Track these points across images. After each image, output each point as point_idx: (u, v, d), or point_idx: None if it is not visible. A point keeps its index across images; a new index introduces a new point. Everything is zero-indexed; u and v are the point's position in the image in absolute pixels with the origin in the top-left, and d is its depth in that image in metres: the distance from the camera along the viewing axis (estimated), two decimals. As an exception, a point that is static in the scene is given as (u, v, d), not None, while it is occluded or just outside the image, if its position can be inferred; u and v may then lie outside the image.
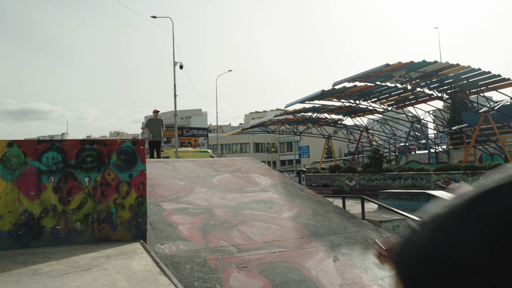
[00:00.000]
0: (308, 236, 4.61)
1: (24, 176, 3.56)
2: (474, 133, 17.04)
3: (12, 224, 3.48)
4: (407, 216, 6.37)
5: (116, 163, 3.87)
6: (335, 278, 3.74)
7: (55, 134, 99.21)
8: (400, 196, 10.44)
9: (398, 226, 8.08)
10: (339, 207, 5.98)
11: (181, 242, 4.05)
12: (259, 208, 5.32)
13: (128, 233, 3.83)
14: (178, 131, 24.40)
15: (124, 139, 4.07)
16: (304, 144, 41.69)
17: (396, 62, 14.49)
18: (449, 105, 28.58)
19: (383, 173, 15.84)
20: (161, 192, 5.45)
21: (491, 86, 16.35)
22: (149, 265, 2.93)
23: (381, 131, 28.14)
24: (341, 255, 4.24)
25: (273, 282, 3.50)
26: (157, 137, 11.90)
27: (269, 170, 7.42)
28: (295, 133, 28.96)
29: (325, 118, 24.59)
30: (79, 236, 3.68)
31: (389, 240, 0.96)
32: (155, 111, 12.11)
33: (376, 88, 17.70)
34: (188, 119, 68.30)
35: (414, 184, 14.32)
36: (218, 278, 3.34)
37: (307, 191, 6.51)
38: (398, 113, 23.52)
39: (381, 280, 3.84)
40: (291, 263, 3.89)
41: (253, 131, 32.38)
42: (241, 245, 4.15)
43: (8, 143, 3.55)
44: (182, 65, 24.66)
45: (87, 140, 3.88)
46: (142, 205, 3.92)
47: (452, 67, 14.73)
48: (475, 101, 18.07)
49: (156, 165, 6.80)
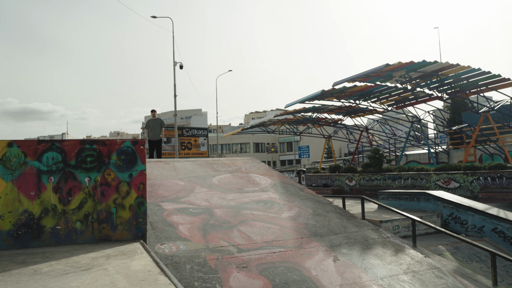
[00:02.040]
0: (308, 236, 4.61)
1: (24, 176, 3.56)
2: (474, 133, 17.04)
3: (12, 224, 3.48)
4: (407, 216, 6.37)
5: (116, 163, 3.87)
6: (335, 278, 3.74)
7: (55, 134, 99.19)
8: (400, 196, 10.45)
9: (398, 226, 8.09)
10: (339, 207, 5.98)
11: (181, 242, 4.05)
12: (259, 208, 5.31)
13: (128, 233, 3.83)
14: (178, 131, 24.40)
15: (124, 139, 4.07)
16: (304, 144, 41.70)
17: (396, 62, 14.49)
18: (449, 105, 28.59)
19: (383, 173, 15.84)
20: (161, 192, 5.45)
21: (491, 86, 16.35)
22: (149, 265, 2.93)
23: (381, 131, 28.15)
24: (341, 255, 4.24)
25: (273, 282, 3.50)
26: (157, 137, 11.89)
27: (269, 170, 7.42)
28: (295, 133, 28.96)
29: (325, 118, 24.59)
30: (79, 236, 3.68)
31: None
32: (153, 111, 12.11)
33: (376, 88, 17.70)
34: (188, 119, 68.32)
35: (414, 184, 14.32)
36: (218, 278, 3.34)
37: (307, 191, 6.51)
38: (398, 113, 23.52)
39: (381, 280, 3.84)
40: (291, 263, 3.89)
41: (253, 131, 32.39)
42: (241, 245, 4.15)
43: (8, 143, 3.55)
44: (182, 65, 24.68)
45: (87, 140, 3.88)
46: (142, 205, 3.92)
47: (452, 67, 14.74)
48: (475, 101, 18.07)
49: (156, 165, 6.80)
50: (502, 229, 8.06)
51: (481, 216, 8.46)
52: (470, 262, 6.86)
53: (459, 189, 12.84)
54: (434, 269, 4.33)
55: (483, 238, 8.20)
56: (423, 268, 4.30)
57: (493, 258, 4.82)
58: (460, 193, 12.45)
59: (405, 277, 3.99)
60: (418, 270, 4.23)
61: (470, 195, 12.36)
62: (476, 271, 6.26)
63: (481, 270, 6.58)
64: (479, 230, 8.44)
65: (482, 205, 9.04)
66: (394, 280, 3.89)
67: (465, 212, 8.78)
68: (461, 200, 9.34)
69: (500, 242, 8.01)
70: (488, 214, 8.36)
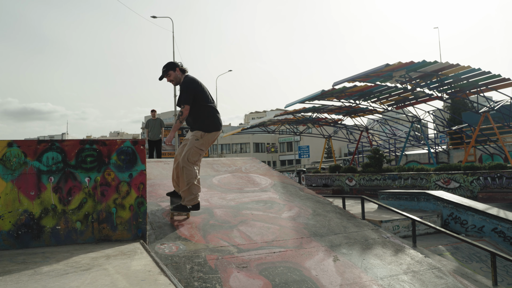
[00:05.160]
0: (308, 236, 4.61)
1: (24, 176, 3.56)
2: (474, 133, 17.04)
3: (12, 224, 3.48)
4: (407, 216, 6.37)
5: (116, 163, 3.87)
6: (335, 278, 3.74)
7: (55, 134, 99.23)
8: (400, 196, 10.44)
9: (398, 226, 8.09)
10: (339, 207, 5.98)
11: (181, 242, 4.05)
12: (259, 208, 5.31)
13: (128, 233, 3.83)
14: (178, 131, 24.43)
15: (124, 139, 4.07)
16: (304, 144, 41.69)
17: (396, 62, 14.49)
18: (449, 105, 28.59)
19: (383, 173, 15.84)
20: (161, 192, 5.45)
21: (491, 86, 16.35)
22: (149, 265, 2.93)
23: (381, 131, 28.15)
24: (341, 255, 4.24)
25: (273, 282, 3.50)
26: (157, 137, 11.89)
27: (269, 170, 7.42)
28: (295, 133, 28.97)
29: (325, 118, 24.59)
30: (79, 236, 3.68)
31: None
32: (153, 111, 12.12)
33: (376, 88, 17.70)
34: (188, 119, 68.01)
35: (414, 184, 14.32)
36: (218, 278, 3.34)
37: (307, 191, 6.51)
38: (398, 113, 23.52)
39: (381, 280, 3.84)
40: (291, 263, 3.89)
41: (253, 131, 32.39)
42: (241, 245, 4.15)
43: (8, 143, 3.55)
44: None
45: (87, 140, 3.88)
46: (142, 205, 3.92)
47: (452, 67, 14.74)
48: (475, 101, 18.07)
49: (156, 165, 6.80)
50: (502, 229, 8.06)
51: (481, 216, 8.45)
52: (470, 262, 6.86)
53: (459, 189, 12.83)
54: (434, 269, 4.33)
55: (483, 238, 8.20)
56: (423, 268, 4.30)
57: (493, 258, 4.82)
58: (460, 193, 12.45)
59: (405, 277, 3.99)
60: (418, 270, 4.23)
61: (470, 195, 12.36)
62: (476, 271, 6.27)
63: (481, 270, 6.58)
64: (479, 230, 8.44)
65: (482, 205, 9.03)
66: (394, 280, 3.89)
67: (465, 212, 8.78)
68: (461, 200, 9.34)
69: (500, 242, 8.01)
70: (488, 214, 8.36)
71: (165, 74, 4.65)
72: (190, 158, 4.44)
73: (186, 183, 4.41)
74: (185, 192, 4.45)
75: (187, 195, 4.46)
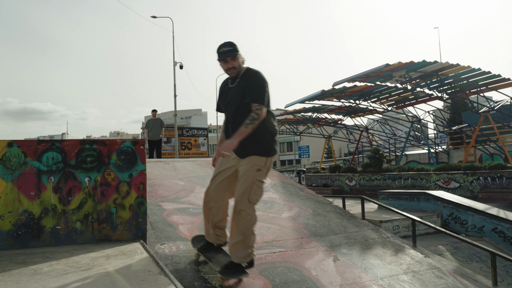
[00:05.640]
0: (308, 236, 4.61)
1: (24, 176, 3.56)
2: (474, 133, 17.04)
3: (12, 224, 3.48)
4: (407, 216, 6.37)
5: (116, 163, 3.87)
6: (335, 278, 3.74)
7: (55, 134, 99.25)
8: (400, 196, 10.45)
9: (398, 226, 8.09)
10: (339, 207, 5.98)
11: (181, 242, 4.05)
12: (259, 208, 5.31)
13: (128, 233, 3.83)
14: (178, 131, 24.39)
15: (124, 139, 4.07)
16: (304, 144, 41.68)
17: (396, 62, 14.50)
18: (449, 105, 28.60)
19: (383, 173, 15.85)
20: (161, 192, 5.45)
21: (491, 86, 16.36)
22: (149, 265, 2.93)
23: (381, 131, 28.15)
24: (341, 255, 4.24)
25: (273, 282, 3.50)
26: (157, 137, 11.90)
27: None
28: (295, 133, 28.97)
29: (325, 118, 24.60)
30: (79, 236, 3.68)
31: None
32: (153, 111, 12.13)
33: (376, 88, 17.71)
34: (188, 119, 68.29)
35: (414, 184, 14.32)
36: (218, 278, 3.34)
37: (307, 191, 6.51)
38: (398, 113, 23.52)
39: (381, 280, 3.84)
40: (291, 263, 3.89)
41: (253, 131, 32.30)
42: (241, 245, 4.14)
43: (8, 143, 3.55)
44: (182, 65, 24.67)
45: (87, 140, 3.88)
46: (142, 205, 3.92)
47: (452, 67, 14.74)
48: (475, 101, 18.08)
49: (156, 165, 6.80)
50: (502, 229, 8.07)
51: (481, 216, 8.46)
52: (470, 262, 6.86)
53: (459, 189, 12.84)
54: (434, 269, 4.33)
55: (483, 238, 8.20)
56: (423, 268, 4.30)
57: (493, 258, 4.82)
58: (460, 193, 12.45)
59: (405, 277, 3.99)
60: (418, 270, 4.23)
61: (470, 195, 12.36)
62: (476, 271, 6.27)
63: (481, 270, 6.58)
64: (479, 230, 8.45)
65: (482, 205, 9.04)
66: (394, 280, 3.89)
67: (465, 212, 8.78)
68: (461, 200, 9.34)
69: (500, 242, 8.02)
70: (488, 214, 8.36)
71: (235, 54, 3.14)
72: (252, 197, 3.25)
73: (241, 232, 3.23)
74: (239, 245, 3.24)
75: (241, 249, 3.24)
